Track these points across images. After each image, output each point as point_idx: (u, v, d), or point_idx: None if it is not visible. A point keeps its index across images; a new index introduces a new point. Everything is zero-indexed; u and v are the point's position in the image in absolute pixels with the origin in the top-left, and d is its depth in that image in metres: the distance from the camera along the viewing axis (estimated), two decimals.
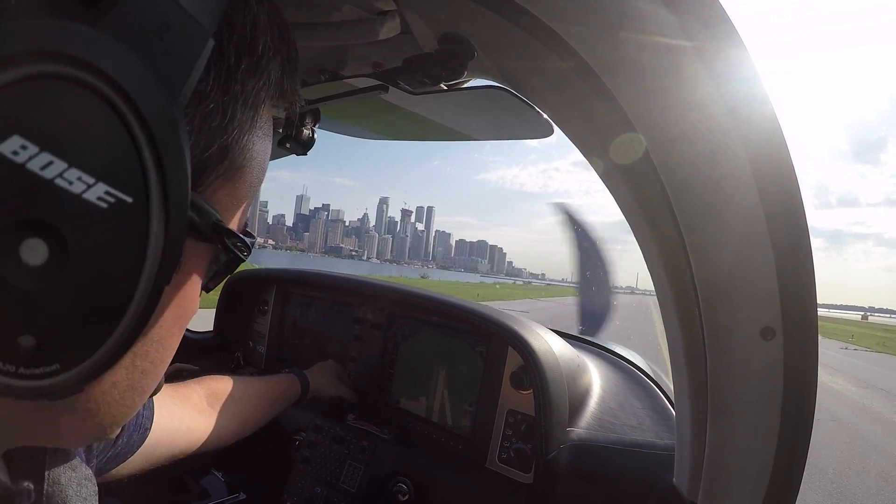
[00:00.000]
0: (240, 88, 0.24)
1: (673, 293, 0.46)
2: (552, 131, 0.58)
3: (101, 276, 0.20)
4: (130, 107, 0.19)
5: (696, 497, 0.51)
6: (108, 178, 0.19)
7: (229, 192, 0.27)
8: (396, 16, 0.43)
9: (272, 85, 0.27)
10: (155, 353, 0.26)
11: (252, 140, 0.27)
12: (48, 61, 0.17)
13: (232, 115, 0.24)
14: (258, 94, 0.26)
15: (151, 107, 0.19)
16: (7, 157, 0.16)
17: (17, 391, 0.19)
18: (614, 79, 0.35)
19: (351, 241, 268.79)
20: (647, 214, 0.45)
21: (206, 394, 0.77)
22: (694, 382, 0.48)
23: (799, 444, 0.43)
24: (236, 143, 0.25)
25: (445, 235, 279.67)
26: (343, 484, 0.94)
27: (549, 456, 0.80)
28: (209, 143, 0.24)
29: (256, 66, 0.25)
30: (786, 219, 0.37)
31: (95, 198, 0.18)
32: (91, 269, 0.19)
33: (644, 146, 0.38)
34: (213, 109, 0.23)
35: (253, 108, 0.26)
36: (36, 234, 0.17)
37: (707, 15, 0.31)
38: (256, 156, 0.28)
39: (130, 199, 0.19)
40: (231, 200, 0.28)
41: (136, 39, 0.19)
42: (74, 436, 0.27)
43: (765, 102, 0.34)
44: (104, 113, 0.18)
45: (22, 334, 0.18)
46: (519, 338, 0.88)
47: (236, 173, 0.27)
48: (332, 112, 0.68)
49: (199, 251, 0.26)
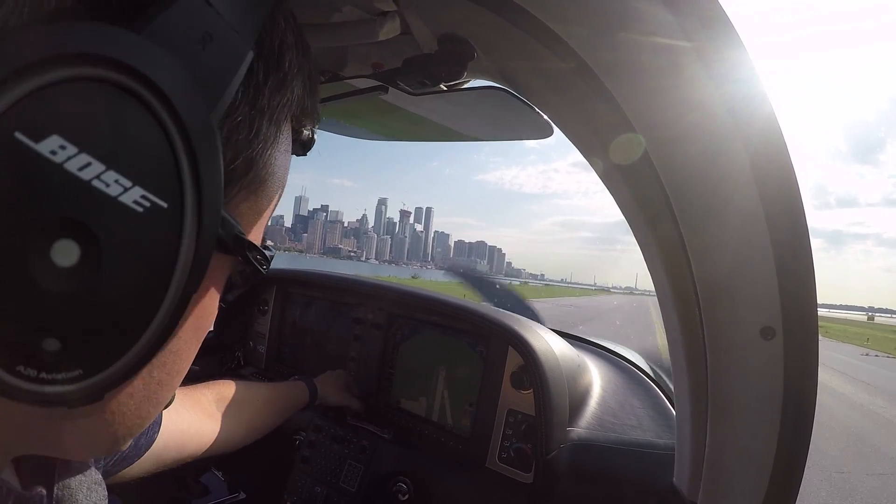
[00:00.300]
0: (266, 103, 0.25)
1: (673, 293, 0.46)
2: (552, 132, 0.58)
3: (131, 281, 0.19)
4: (171, 113, 0.19)
5: (696, 497, 0.51)
6: (145, 182, 0.19)
7: (251, 206, 0.27)
8: (396, 16, 0.43)
9: (295, 102, 0.27)
10: (172, 364, 0.26)
11: (275, 155, 0.27)
12: (91, 64, 0.17)
13: (258, 129, 0.25)
14: (282, 110, 0.26)
15: (191, 114, 0.19)
16: (46, 156, 0.16)
17: (36, 397, 0.18)
18: (614, 79, 0.35)
19: (349, 241, 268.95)
20: (646, 214, 0.45)
21: (215, 398, 0.77)
22: (694, 382, 0.48)
23: (799, 444, 0.43)
24: (260, 157, 0.26)
25: (444, 236, 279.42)
26: (343, 484, 0.94)
27: (549, 456, 0.80)
28: (235, 156, 0.24)
29: (282, 83, 0.26)
30: (786, 218, 0.37)
31: (131, 201, 0.18)
32: (122, 273, 0.19)
33: (643, 146, 0.38)
34: (241, 123, 0.24)
35: (277, 124, 0.26)
36: (69, 235, 0.17)
37: (706, 15, 0.31)
38: (278, 170, 0.28)
39: (166, 204, 0.19)
40: (253, 213, 0.28)
41: (180, 47, 0.19)
42: (87, 446, 0.27)
43: (764, 102, 0.34)
44: (144, 117, 0.18)
45: (47, 337, 0.18)
46: (519, 338, 0.88)
47: (259, 187, 0.27)
48: (332, 112, 0.68)
49: (221, 263, 0.26)
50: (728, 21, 0.31)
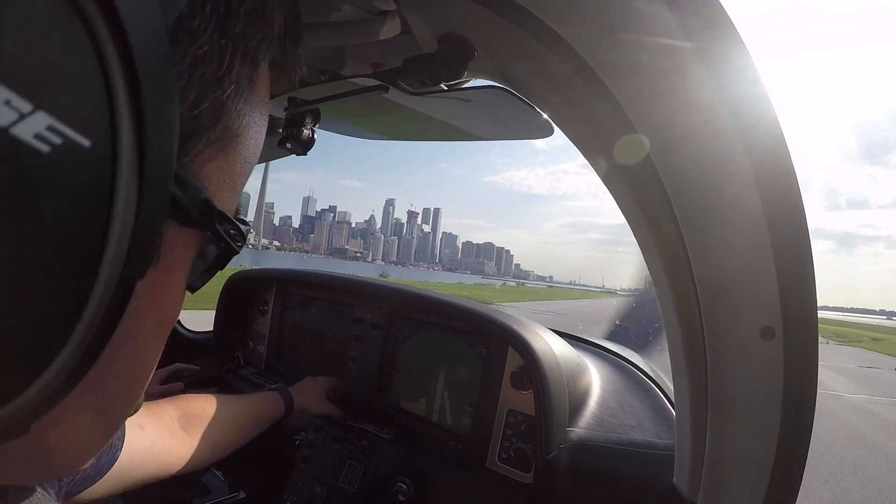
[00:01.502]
0: (240, 33, 0.19)
1: (673, 293, 0.46)
2: (552, 131, 0.58)
3: (36, 263, 0.13)
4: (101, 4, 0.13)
5: (696, 497, 0.51)
6: (54, 106, 0.12)
7: (221, 167, 0.22)
8: (396, 16, 0.43)
9: (275, 42, 0.22)
10: (129, 369, 0.21)
11: (250, 105, 0.22)
12: None
13: (230, 65, 0.19)
14: (260, 47, 0.21)
15: (134, 13, 0.13)
16: None
17: None
18: (615, 79, 0.35)
19: (356, 242, 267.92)
20: (647, 215, 0.45)
21: (178, 415, 0.73)
22: (694, 382, 0.48)
23: (799, 444, 0.43)
24: (232, 104, 0.21)
25: (452, 237, 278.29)
26: (343, 484, 0.94)
27: (549, 456, 0.80)
28: (200, 98, 0.19)
29: (261, 11, 0.20)
30: (786, 219, 0.37)
31: (31, 135, 0.12)
32: (21, 252, 0.12)
33: (645, 147, 0.38)
34: (208, 54, 0.18)
35: (252, 64, 0.21)
36: None
37: (707, 15, 0.31)
38: (253, 125, 0.23)
39: (88, 142, 0.13)
40: (224, 177, 0.22)
41: None
42: (39, 471, 0.22)
43: (766, 103, 0.34)
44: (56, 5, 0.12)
45: None
46: (519, 338, 0.88)
47: (230, 143, 0.22)
48: (332, 112, 0.68)
49: (183, 238, 0.21)
50: (729, 21, 0.31)
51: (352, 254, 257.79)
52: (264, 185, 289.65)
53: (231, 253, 0.23)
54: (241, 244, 0.23)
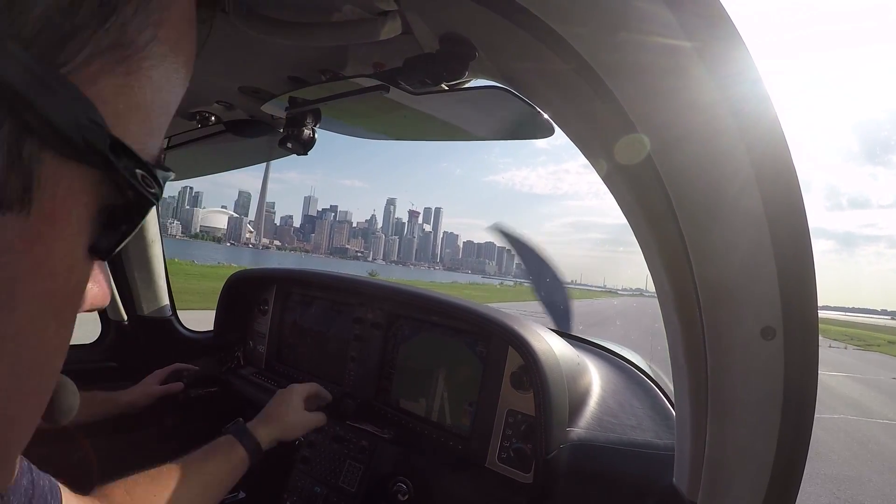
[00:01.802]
0: None
1: (674, 293, 0.46)
2: (553, 131, 0.58)
3: None
4: None
5: (696, 497, 0.51)
6: None
7: (122, 88, 0.16)
8: (397, 16, 0.43)
9: None
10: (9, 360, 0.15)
11: (157, 22, 0.17)
12: None
13: None
14: None
15: None
16: None
17: None
18: (616, 79, 0.35)
19: (357, 242, 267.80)
20: (648, 214, 0.45)
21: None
22: (694, 382, 0.48)
23: (799, 443, 0.43)
24: (128, 5, 0.15)
25: (453, 237, 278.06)
26: (343, 484, 0.94)
27: (549, 456, 0.80)
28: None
29: None
30: (787, 219, 0.37)
31: None
32: None
33: (646, 147, 0.38)
34: None
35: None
36: None
37: (708, 15, 0.31)
38: (166, 54, 0.17)
39: None
40: (127, 103, 0.17)
41: None
42: None
43: (767, 103, 0.34)
44: None
45: None
46: (519, 338, 0.88)
47: (131, 57, 0.16)
48: (333, 112, 0.68)
49: (69, 177, 0.15)
50: (730, 21, 0.31)
51: (353, 253, 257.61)
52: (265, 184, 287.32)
53: (146, 204, 0.17)
54: (156, 192, 0.18)
